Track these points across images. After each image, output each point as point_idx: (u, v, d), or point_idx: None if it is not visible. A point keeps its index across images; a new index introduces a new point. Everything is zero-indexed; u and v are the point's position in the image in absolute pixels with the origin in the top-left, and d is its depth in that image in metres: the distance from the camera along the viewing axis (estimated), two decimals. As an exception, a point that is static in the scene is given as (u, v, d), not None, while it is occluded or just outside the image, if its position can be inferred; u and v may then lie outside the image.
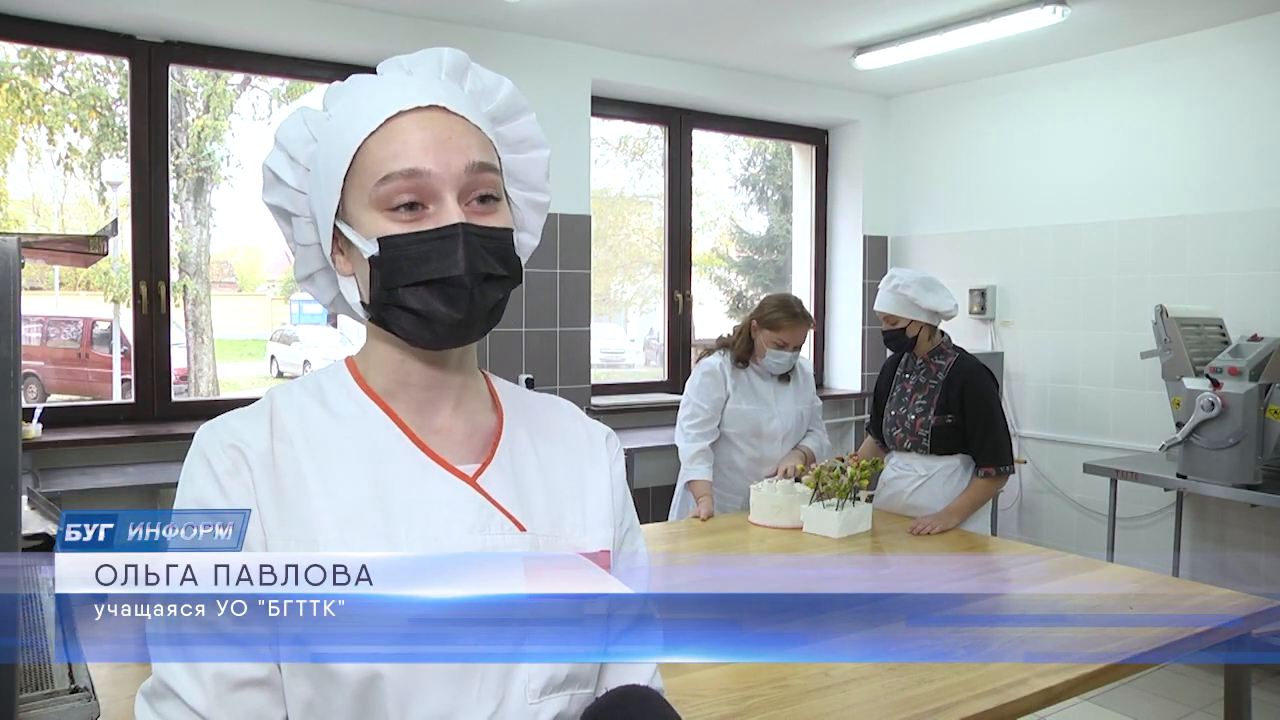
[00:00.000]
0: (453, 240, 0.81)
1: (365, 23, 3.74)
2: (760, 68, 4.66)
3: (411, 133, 0.82)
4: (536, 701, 0.84)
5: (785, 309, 3.00)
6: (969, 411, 2.87)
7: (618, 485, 0.99)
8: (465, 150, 0.83)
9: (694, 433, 3.04)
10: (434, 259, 0.81)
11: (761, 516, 2.80)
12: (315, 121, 0.88)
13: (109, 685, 1.40)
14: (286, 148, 0.89)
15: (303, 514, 0.81)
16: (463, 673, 0.81)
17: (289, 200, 0.90)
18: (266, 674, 0.79)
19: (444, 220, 0.82)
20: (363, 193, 0.83)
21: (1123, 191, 4.28)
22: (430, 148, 0.82)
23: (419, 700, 0.80)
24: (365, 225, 0.83)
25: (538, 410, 0.98)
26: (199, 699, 0.77)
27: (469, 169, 0.83)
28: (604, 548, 0.93)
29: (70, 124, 5.76)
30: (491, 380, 0.97)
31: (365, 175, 0.83)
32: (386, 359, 0.89)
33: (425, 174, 0.81)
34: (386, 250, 0.82)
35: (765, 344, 3.02)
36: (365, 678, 0.78)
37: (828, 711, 1.52)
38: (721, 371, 3.06)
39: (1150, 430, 4.09)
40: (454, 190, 0.82)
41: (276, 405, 0.86)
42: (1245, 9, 3.74)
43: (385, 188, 0.81)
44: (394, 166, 0.81)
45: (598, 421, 1.03)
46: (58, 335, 6.94)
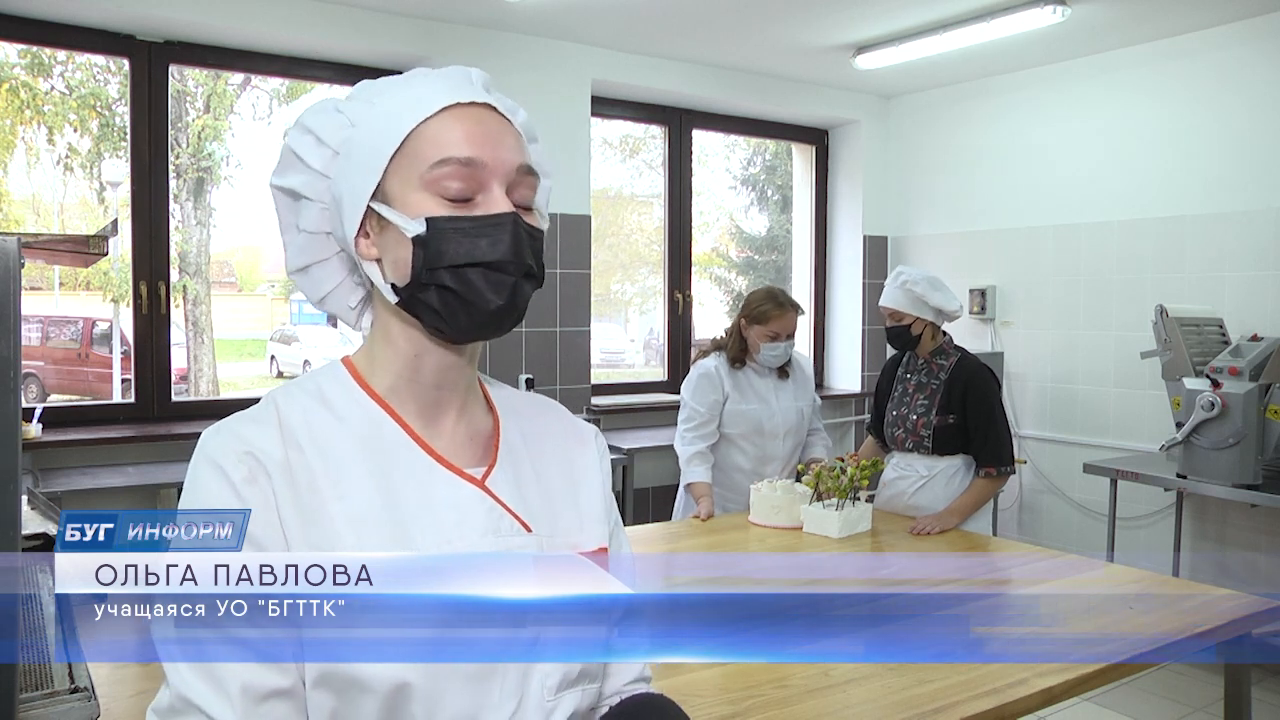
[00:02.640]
0: (504, 227, 0.82)
1: (365, 23, 3.74)
2: (760, 68, 4.66)
3: (467, 124, 0.84)
4: (553, 698, 0.86)
5: (771, 300, 3.00)
6: (970, 411, 2.86)
7: (606, 482, 1.00)
8: (515, 150, 0.85)
9: (690, 436, 3.03)
10: (484, 243, 0.82)
11: (761, 516, 2.80)
12: (352, 109, 0.88)
13: (109, 685, 1.40)
14: (316, 131, 0.88)
15: (321, 520, 0.81)
16: (484, 675, 0.82)
17: (306, 184, 0.89)
18: (291, 685, 0.78)
19: (494, 209, 0.83)
20: (412, 174, 0.83)
21: (1123, 191, 4.28)
22: (485, 141, 0.83)
23: (445, 705, 0.80)
24: (411, 206, 0.83)
25: (528, 411, 0.99)
26: (227, 713, 0.75)
27: (519, 169, 0.85)
28: (601, 545, 0.94)
29: (70, 124, 5.76)
30: (483, 381, 0.98)
31: (417, 158, 0.83)
32: (396, 355, 0.88)
33: (480, 164, 0.83)
34: (434, 230, 0.82)
35: (758, 339, 3.01)
36: (395, 686, 0.78)
37: (828, 711, 1.52)
38: (718, 373, 3.05)
39: (1150, 430, 4.09)
40: (503, 185, 0.84)
41: (282, 409, 0.85)
42: (1245, 9, 3.74)
43: (439, 171, 0.82)
44: (452, 152, 0.82)
45: (583, 420, 1.04)
46: (58, 335, 6.94)
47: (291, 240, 0.93)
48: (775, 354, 3.02)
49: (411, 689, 0.78)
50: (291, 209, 0.92)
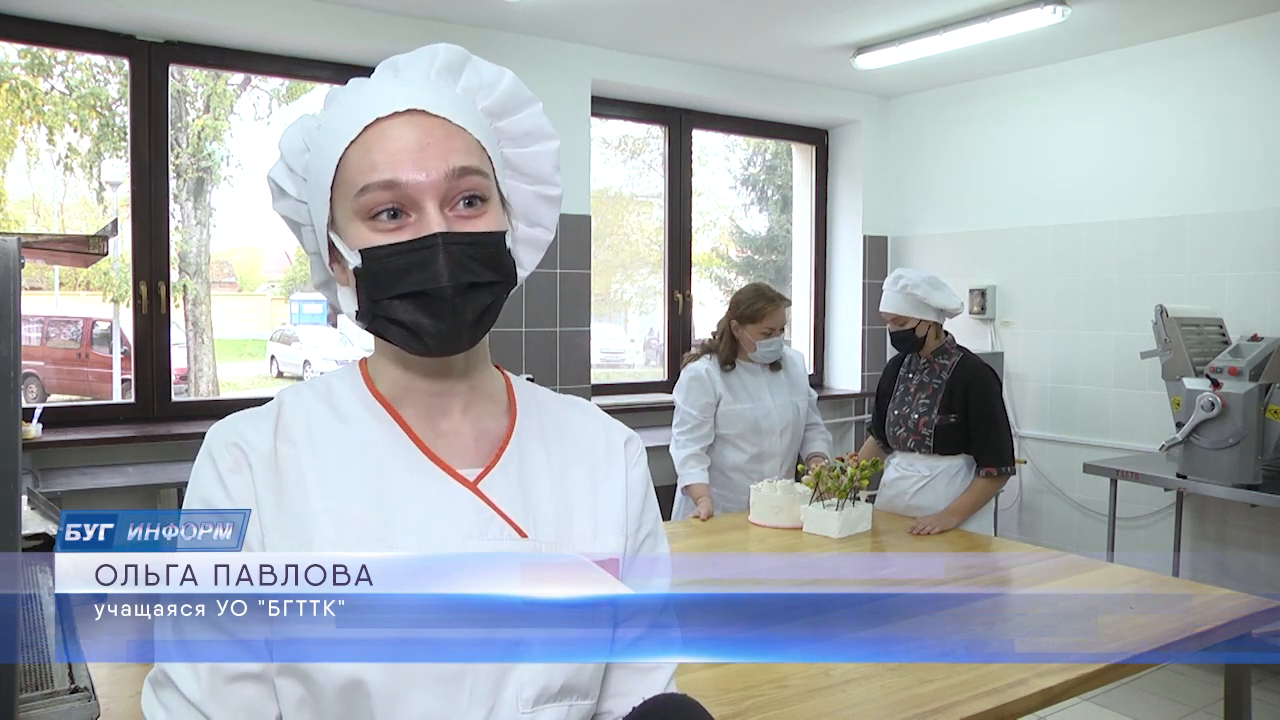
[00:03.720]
0: (432, 251, 0.79)
1: (365, 23, 3.74)
2: (760, 68, 4.66)
3: (389, 141, 0.81)
4: (529, 711, 0.83)
5: (762, 297, 2.99)
6: (972, 410, 2.87)
7: (635, 490, 0.95)
8: (445, 155, 0.81)
9: (684, 439, 3.03)
10: (414, 271, 0.79)
11: (761, 516, 2.80)
12: (309, 131, 0.87)
13: (109, 685, 1.40)
14: (286, 158, 0.88)
15: (300, 513, 0.81)
16: (451, 678, 0.80)
17: (293, 210, 0.90)
18: (260, 670, 0.80)
19: (424, 230, 0.80)
20: (346, 203, 0.82)
21: (1122, 191, 4.28)
22: (408, 156, 0.80)
23: (405, 705, 0.79)
24: (350, 236, 0.82)
25: (556, 412, 0.96)
26: (194, 690, 0.79)
27: (449, 175, 0.81)
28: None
29: (70, 124, 5.76)
30: (512, 381, 0.96)
31: (347, 186, 0.82)
32: (391, 365, 0.89)
33: (403, 184, 0.80)
34: (368, 262, 0.81)
35: (752, 337, 3.00)
36: (346, 682, 0.78)
37: (828, 711, 1.52)
38: (709, 375, 3.04)
39: (1150, 430, 4.09)
40: (435, 198, 0.80)
41: (284, 407, 0.87)
42: (1245, 9, 3.74)
43: (364, 198, 0.80)
44: (371, 178, 0.80)
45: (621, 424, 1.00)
46: (58, 335, 6.94)
47: (310, 258, 0.95)
48: (771, 349, 3.02)
49: (366, 685, 0.78)
50: (296, 232, 0.93)
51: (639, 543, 0.94)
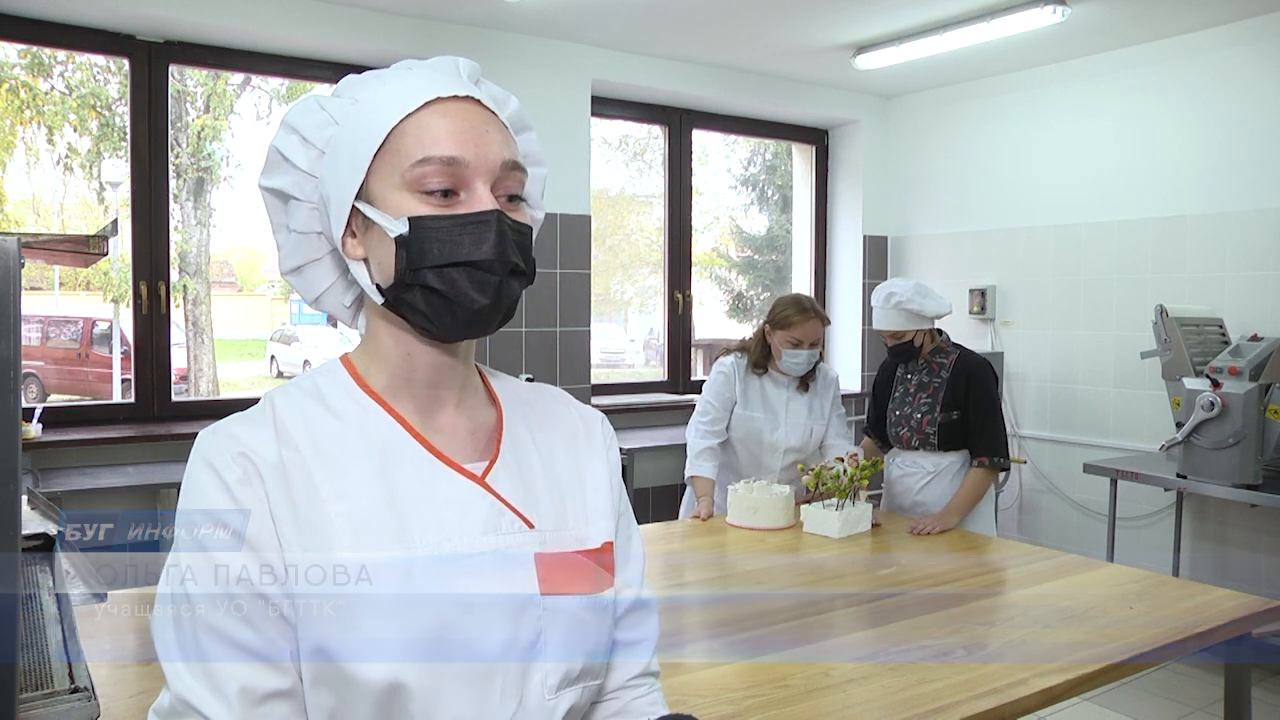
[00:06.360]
0: (487, 226, 0.81)
1: (365, 23, 3.74)
2: (760, 68, 4.66)
3: (450, 120, 0.82)
4: (554, 697, 0.85)
5: (795, 306, 2.96)
6: (972, 404, 2.89)
7: (615, 470, 0.98)
8: (501, 145, 0.83)
9: (703, 429, 3.02)
10: (467, 242, 0.80)
11: (739, 518, 2.77)
12: (336, 106, 0.87)
13: (109, 685, 1.40)
14: (300, 130, 0.87)
15: (317, 522, 0.80)
16: (483, 675, 0.81)
17: (294, 184, 0.88)
18: (290, 685, 0.78)
19: (478, 206, 0.81)
20: (394, 174, 0.82)
21: (1122, 191, 4.28)
22: (469, 137, 0.82)
23: (443, 706, 0.79)
24: (393, 205, 0.82)
25: (532, 400, 0.97)
26: (225, 716, 0.74)
27: (504, 165, 0.83)
28: (607, 540, 0.93)
29: (70, 124, 5.77)
30: (485, 373, 0.96)
31: (398, 157, 0.82)
32: (390, 354, 0.87)
33: (463, 162, 0.81)
34: (417, 230, 0.81)
35: (780, 344, 2.97)
36: (388, 686, 0.77)
37: (828, 711, 1.52)
38: (733, 372, 3.04)
39: (1150, 430, 4.09)
40: (487, 181, 0.82)
41: (279, 410, 0.84)
42: (1245, 9, 3.74)
43: (420, 170, 0.81)
44: (433, 151, 0.81)
45: (588, 406, 1.02)
46: (58, 335, 6.94)
47: (284, 241, 0.92)
48: (797, 361, 2.97)
49: (407, 689, 0.77)
50: (281, 210, 0.91)
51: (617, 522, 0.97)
